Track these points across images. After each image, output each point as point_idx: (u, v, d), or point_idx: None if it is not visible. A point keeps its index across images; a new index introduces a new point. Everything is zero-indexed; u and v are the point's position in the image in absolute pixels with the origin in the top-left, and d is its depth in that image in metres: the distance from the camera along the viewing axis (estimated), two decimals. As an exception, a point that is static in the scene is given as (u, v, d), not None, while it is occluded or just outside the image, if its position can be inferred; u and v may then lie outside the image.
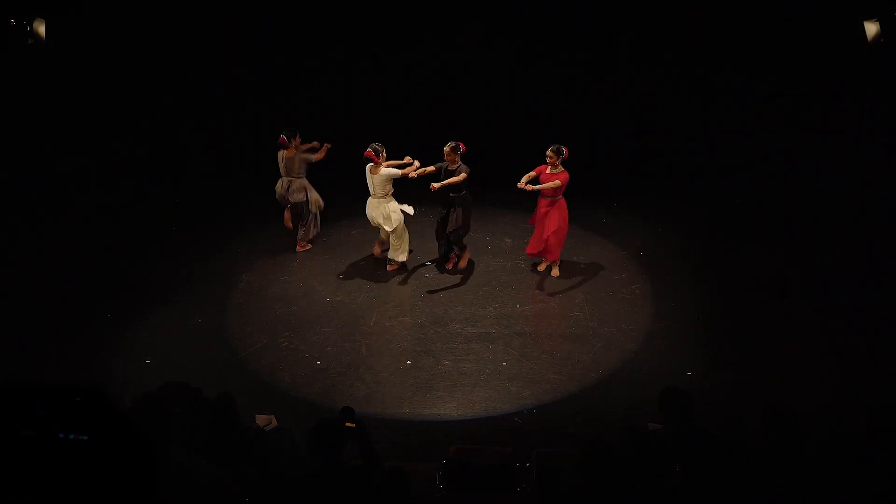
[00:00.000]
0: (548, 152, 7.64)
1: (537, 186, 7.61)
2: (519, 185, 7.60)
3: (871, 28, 7.60)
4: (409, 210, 8.08)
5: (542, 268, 8.26)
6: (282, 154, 8.37)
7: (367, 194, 8.06)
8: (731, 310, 7.46)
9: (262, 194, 9.01)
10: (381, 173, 7.79)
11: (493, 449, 4.78)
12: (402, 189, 8.07)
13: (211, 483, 3.58)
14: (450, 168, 7.77)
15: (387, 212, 7.93)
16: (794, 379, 6.19)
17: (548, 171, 7.71)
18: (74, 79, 9.38)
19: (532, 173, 7.73)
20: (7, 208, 8.74)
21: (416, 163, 7.93)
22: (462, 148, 7.72)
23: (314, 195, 8.62)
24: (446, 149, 7.74)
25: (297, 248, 8.81)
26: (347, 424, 3.73)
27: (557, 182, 7.58)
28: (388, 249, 8.35)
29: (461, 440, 5.25)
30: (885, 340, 6.52)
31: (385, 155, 7.79)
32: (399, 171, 7.80)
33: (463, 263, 8.37)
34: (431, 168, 7.85)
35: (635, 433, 3.91)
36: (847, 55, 8.55)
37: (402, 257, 8.28)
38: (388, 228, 8.00)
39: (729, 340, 6.95)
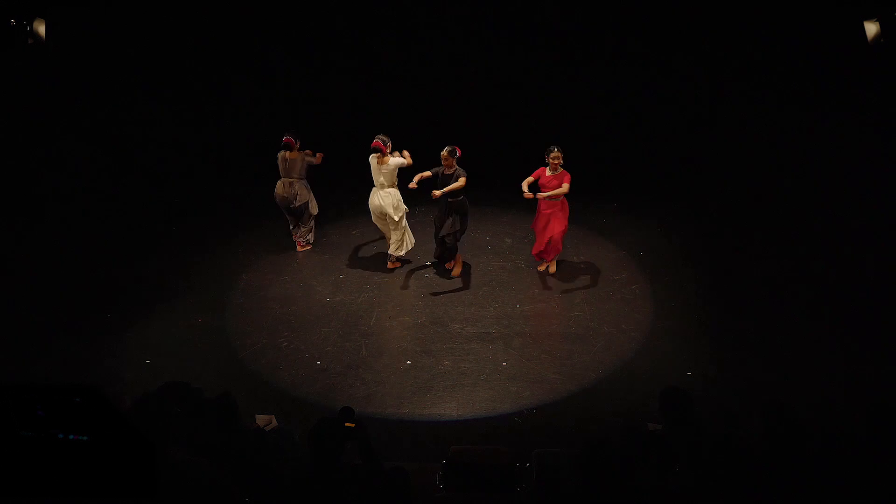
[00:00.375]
0: (553, 154, 7.57)
1: (548, 194, 7.58)
2: (526, 195, 7.53)
3: (871, 28, 7.60)
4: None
5: (542, 268, 8.27)
6: (284, 155, 8.37)
7: (366, 193, 8.08)
8: (731, 310, 7.46)
9: (261, 194, 9.01)
10: (390, 163, 7.86)
11: (493, 449, 4.78)
12: (402, 187, 8.09)
13: (211, 483, 3.58)
14: (446, 172, 7.71)
15: (394, 201, 8.00)
16: (795, 379, 6.19)
17: (548, 174, 7.68)
18: (74, 79, 9.39)
19: (530, 178, 7.69)
20: (7, 208, 8.75)
21: (406, 153, 8.00)
22: (458, 152, 7.70)
23: (313, 199, 8.66)
24: (443, 153, 7.68)
25: (298, 248, 8.82)
26: (347, 424, 3.74)
27: (566, 187, 7.57)
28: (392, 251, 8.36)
29: (461, 440, 5.26)
30: (886, 340, 6.52)
31: (390, 146, 7.86)
32: (404, 161, 7.88)
33: (457, 271, 8.30)
34: (428, 173, 7.79)
35: (635, 433, 3.91)
36: (847, 55, 8.55)
37: (403, 252, 8.30)
38: (396, 217, 8.03)
39: (729, 340, 6.95)
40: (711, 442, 3.76)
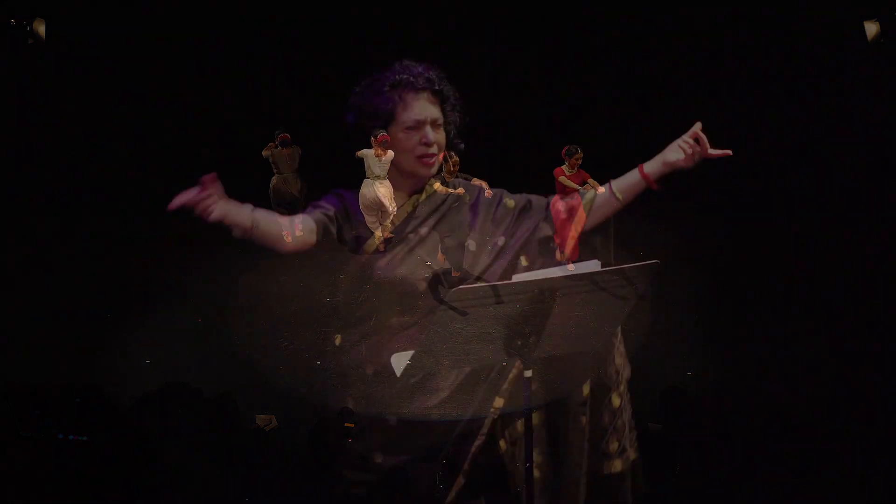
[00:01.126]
0: (577, 155, 7.47)
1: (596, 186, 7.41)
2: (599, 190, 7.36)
3: (871, 28, 7.61)
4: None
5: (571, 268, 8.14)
6: (281, 152, 8.43)
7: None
8: (732, 310, 7.45)
9: (261, 194, 9.00)
10: (388, 154, 7.95)
11: (494, 449, 4.78)
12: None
13: (211, 483, 3.58)
14: (448, 179, 7.51)
15: (391, 192, 8.07)
16: (795, 379, 6.19)
17: (567, 173, 7.57)
18: (74, 79, 9.38)
19: (574, 185, 7.42)
20: (6, 208, 8.74)
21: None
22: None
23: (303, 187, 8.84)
24: (457, 158, 7.46)
25: (287, 239, 8.87)
26: (347, 424, 3.74)
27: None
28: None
29: (461, 440, 5.24)
30: (886, 340, 6.52)
31: None
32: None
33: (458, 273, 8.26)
34: (444, 188, 7.53)
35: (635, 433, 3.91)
36: (847, 55, 8.55)
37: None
38: (391, 208, 8.08)
39: (729, 340, 6.95)
40: (711, 442, 3.77)
